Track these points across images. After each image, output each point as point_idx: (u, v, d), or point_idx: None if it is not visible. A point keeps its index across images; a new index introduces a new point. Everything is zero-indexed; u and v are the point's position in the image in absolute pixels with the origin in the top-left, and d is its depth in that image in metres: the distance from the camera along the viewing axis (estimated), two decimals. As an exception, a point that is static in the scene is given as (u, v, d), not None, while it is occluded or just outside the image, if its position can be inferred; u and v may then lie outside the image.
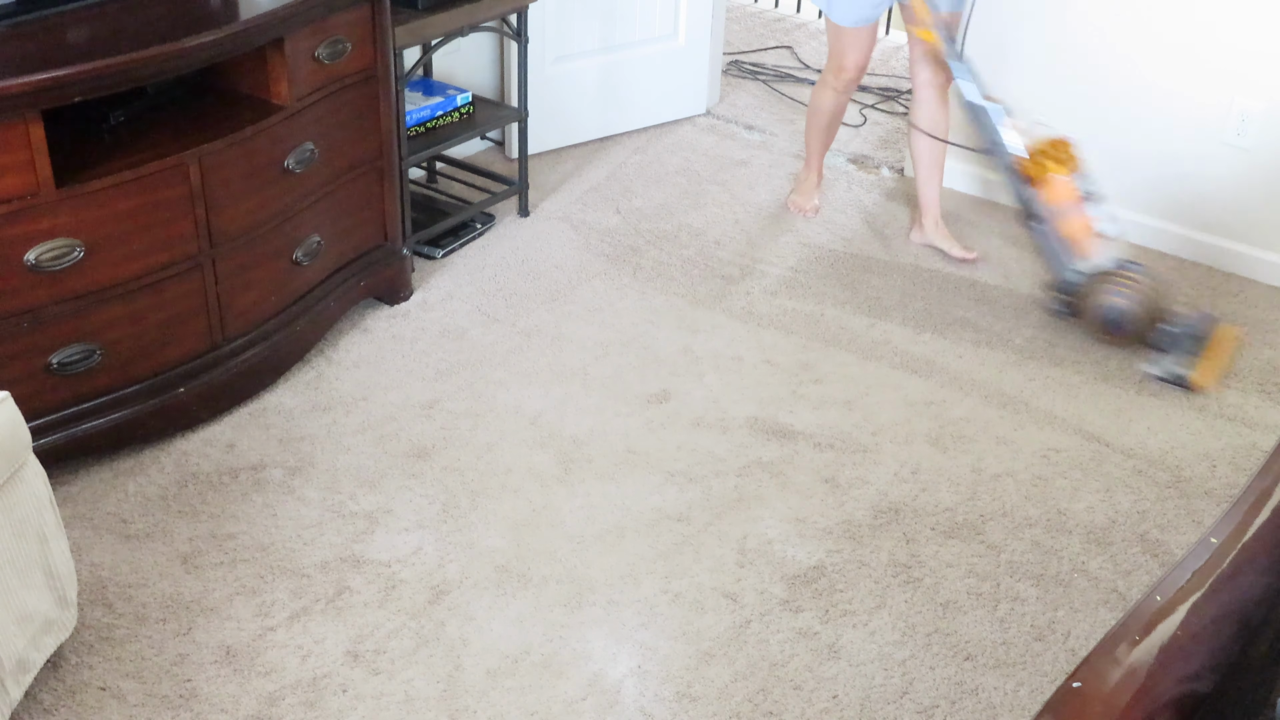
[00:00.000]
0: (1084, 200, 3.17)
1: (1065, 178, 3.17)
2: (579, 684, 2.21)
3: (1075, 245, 3.18)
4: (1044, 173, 3.19)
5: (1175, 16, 3.50)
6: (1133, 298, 3.10)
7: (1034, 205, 3.23)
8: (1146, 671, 1.33)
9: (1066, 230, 3.18)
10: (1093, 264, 3.16)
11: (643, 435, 2.84)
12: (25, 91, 2.24)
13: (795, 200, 3.86)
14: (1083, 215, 3.17)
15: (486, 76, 4.09)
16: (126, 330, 2.58)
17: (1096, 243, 3.17)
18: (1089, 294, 3.15)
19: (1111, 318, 3.12)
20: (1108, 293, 3.12)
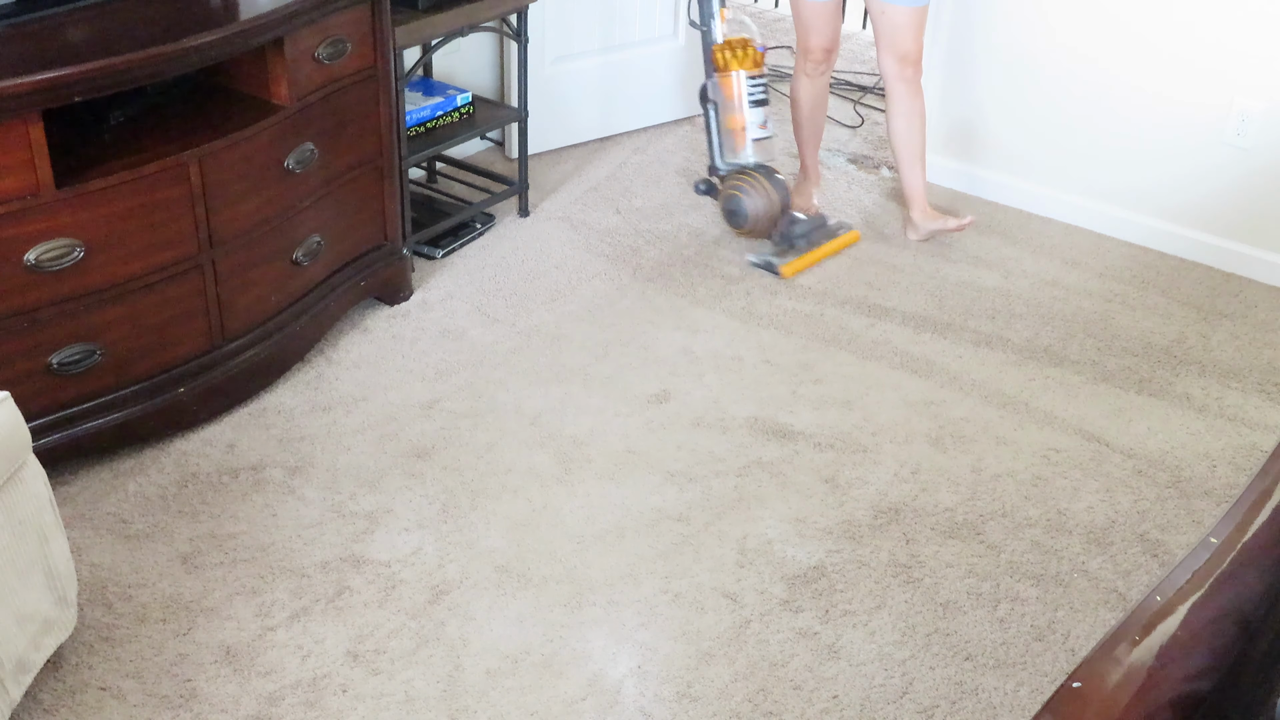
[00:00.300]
0: (754, 103, 3.46)
1: (741, 74, 3.44)
2: (579, 684, 2.21)
3: (732, 138, 3.50)
4: (726, 64, 3.46)
5: (1175, 17, 3.50)
6: (753, 196, 3.45)
7: (711, 91, 3.54)
8: (1146, 671, 1.33)
9: (729, 123, 3.51)
10: (738, 159, 3.51)
11: (643, 435, 2.84)
12: (25, 91, 2.24)
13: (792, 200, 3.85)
14: (744, 113, 3.47)
15: (486, 76, 4.09)
16: (126, 330, 2.58)
17: (749, 141, 3.49)
18: (725, 184, 3.54)
19: (730, 209, 3.52)
20: (735, 187, 3.48)
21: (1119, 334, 3.30)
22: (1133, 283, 3.54)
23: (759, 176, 3.46)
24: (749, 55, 3.46)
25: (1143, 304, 3.44)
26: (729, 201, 3.51)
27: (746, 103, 3.46)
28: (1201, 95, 3.52)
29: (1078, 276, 3.57)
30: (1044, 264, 3.63)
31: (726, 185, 3.52)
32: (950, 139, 4.03)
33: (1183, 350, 3.24)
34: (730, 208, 3.52)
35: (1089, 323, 3.34)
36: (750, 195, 3.45)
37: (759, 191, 3.44)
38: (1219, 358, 3.21)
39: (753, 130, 3.48)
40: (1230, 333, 3.32)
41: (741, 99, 3.46)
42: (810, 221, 3.59)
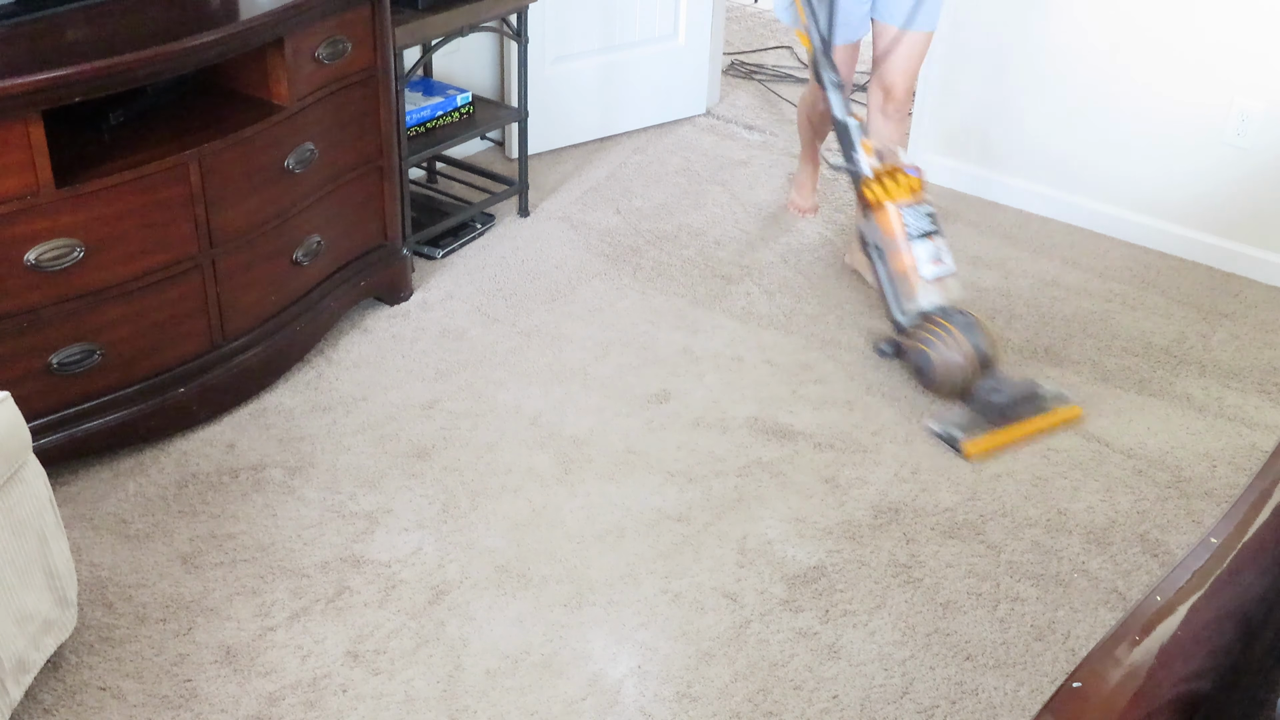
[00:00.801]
0: (920, 235, 2.94)
1: (901, 208, 2.95)
2: (579, 684, 2.21)
3: (905, 282, 2.96)
4: (881, 200, 2.98)
5: (1175, 17, 3.50)
6: (938, 348, 2.87)
7: (869, 234, 3.04)
8: (1146, 671, 1.33)
9: (897, 265, 2.97)
10: (918, 305, 2.95)
11: (643, 435, 2.84)
12: (25, 91, 2.24)
13: (794, 200, 3.84)
14: (913, 251, 2.94)
15: (486, 76, 4.09)
16: (126, 330, 2.58)
17: (926, 282, 2.95)
18: (909, 337, 2.96)
19: (919, 366, 2.93)
20: (919, 339, 2.91)
21: (1119, 334, 3.30)
22: (1133, 283, 3.54)
23: (947, 324, 2.88)
24: (903, 183, 2.98)
25: (1143, 304, 3.44)
26: (913, 357, 2.94)
27: (911, 237, 2.94)
28: (1201, 95, 3.52)
29: (1078, 276, 3.57)
30: (1044, 264, 3.63)
31: (910, 339, 2.95)
32: (950, 139, 4.03)
33: (1183, 350, 3.24)
34: (915, 363, 2.94)
35: (1089, 323, 3.34)
36: (936, 347, 2.86)
37: (947, 342, 2.86)
38: (1219, 358, 3.21)
39: (925, 268, 2.93)
40: (1230, 333, 3.32)
41: (904, 235, 2.94)
42: (1018, 387, 2.91)
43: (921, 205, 2.95)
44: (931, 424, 2.86)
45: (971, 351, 2.84)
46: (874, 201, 2.98)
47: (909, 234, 2.92)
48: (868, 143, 3.07)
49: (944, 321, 2.88)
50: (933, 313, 2.92)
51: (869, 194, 3.00)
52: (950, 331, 2.85)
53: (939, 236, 2.96)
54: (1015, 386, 2.89)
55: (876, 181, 2.99)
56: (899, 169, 2.99)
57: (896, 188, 2.95)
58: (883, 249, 2.97)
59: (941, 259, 2.93)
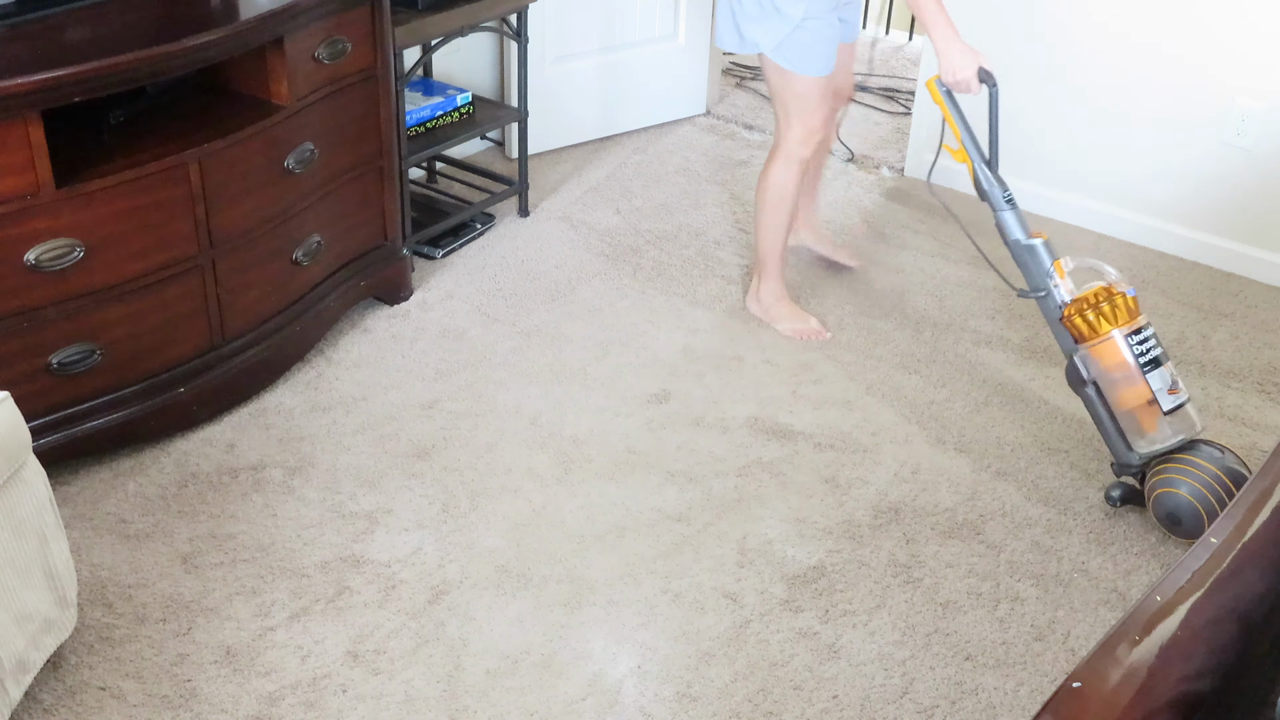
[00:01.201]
0: (1146, 364, 2.57)
1: (1121, 334, 2.57)
2: (579, 684, 2.21)
3: (1136, 419, 2.60)
4: (1094, 329, 2.61)
5: (1176, 16, 3.50)
6: (1197, 486, 2.50)
7: (1084, 369, 2.64)
8: (1146, 671, 1.33)
9: (1123, 401, 2.60)
10: (1155, 442, 2.58)
11: (643, 435, 2.84)
12: (25, 91, 2.24)
13: (792, 328, 3.24)
14: (1143, 382, 2.56)
15: (486, 76, 4.09)
16: (126, 330, 2.58)
17: (1164, 416, 2.57)
18: (1149, 479, 2.59)
19: (1169, 512, 2.54)
20: (1168, 481, 2.53)
21: (1119, 334, 3.29)
22: (1133, 283, 3.54)
23: (1199, 460, 2.52)
24: (1120, 304, 2.58)
25: (1143, 304, 3.44)
26: (1166, 503, 2.53)
27: (1141, 366, 2.56)
28: (1201, 95, 3.52)
29: (1078, 276, 3.56)
30: (1044, 264, 3.62)
31: (1153, 481, 2.56)
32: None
33: (1183, 350, 3.24)
34: (1169, 510, 2.53)
35: (1089, 323, 3.34)
36: (1193, 490, 2.49)
37: (1204, 479, 2.49)
38: (1219, 358, 3.21)
39: (1164, 400, 2.55)
40: (1230, 333, 3.32)
41: (1133, 365, 2.56)
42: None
43: (1145, 329, 2.59)
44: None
45: (1232, 487, 2.48)
46: (1085, 334, 2.62)
47: (1141, 364, 2.56)
48: (1060, 264, 2.69)
49: (1195, 459, 2.53)
50: (1176, 450, 2.57)
51: (1080, 324, 2.62)
52: (1204, 469, 2.51)
53: (1170, 362, 2.61)
54: None
55: (1085, 306, 2.62)
56: (1113, 289, 2.60)
57: (1116, 309, 2.59)
58: (1104, 384, 2.62)
59: (1178, 386, 2.58)
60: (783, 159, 3.10)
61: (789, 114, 3.06)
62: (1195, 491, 2.48)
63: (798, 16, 2.90)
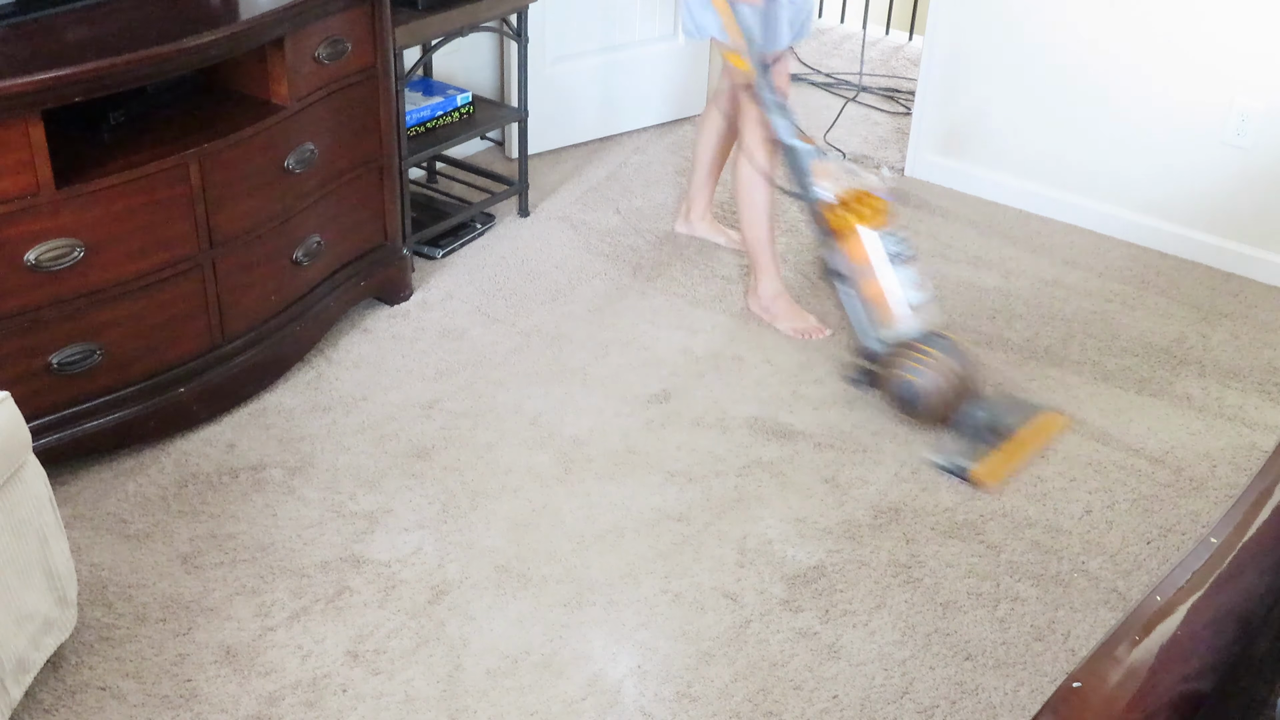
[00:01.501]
0: (891, 261, 2.83)
1: (871, 233, 2.83)
2: (579, 684, 2.21)
3: (878, 310, 2.85)
4: (848, 226, 2.84)
5: (1175, 16, 3.50)
6: (928, 376, 2.77)
7: (836, 261, 2.90)
8: (1146, 671, 1.33)
9: (869, 292, 2.85)
10: (895, 333, 2.84)
11: (643, 435, 2.84)
12: (25, 91, 2.24)
13: (793, 326, 3.26)
14: (887, 277, 2.83)
15: (486, 76, 4.09)
16: (126, 330, 2.58)
17: (902, 309, 2.84)
18: (887, 366, 2.84)
19: (905, 395, 2.81)
20: (903, 368, 2.80)
21: (1119, 334, 3.30)
22: (1133, 283, 3.54)
23: (930, 350, 2.80)
24: (872, 205, 2.84)
25: (1143, 304, 3.44)
26: (896, 387, 2.81)
27: (885, 263, 2.84)
28: (1201, 95, 3.52)
29: (1078, 276, 3.57)
30: (1044, 264, 3.63)
31: (889, 367, 2.83)
32: (950, 139, 4.03)
33: (1183, 350, 3.24)
34: (899, 393, 2.82)
35: (1089, 323, 3.34)
36: (922, 374, 2.78)
37: (933, 368, 2.77)
38: (1219, 358, 3.21)
39: (904, 294, 2.84)
40: (1230, 333, 3.32)
41: (880, 260, 2.83)
42: (999, 403, 2.90)
43: (894, 231, 2.86)
44: (933, 457, 2.78)
45: (957, 376, 2.78)
46: (841, 227, 2.85)
47: (885, 260, 2.83)
48: (821, 165, 2.92)
49: (926, 348, 2.79)
50: (913, 340, 2.82)
51: (834, 220, 2.86)
52: (935, 358, 2.78)
53: (912, 262, 2.88)
54: (997, 403, 2.87)
55: (842, 207, 2.86)
56: (868, 193, 2.84)
57: (866, 213, 2.83)
58: (852, 276, 2.86)
59: (917, 285, 2.86)
60: (748, 149, 3.19)
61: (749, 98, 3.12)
62: (925, 377, 2.77)
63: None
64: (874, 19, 5.44)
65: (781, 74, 3.20)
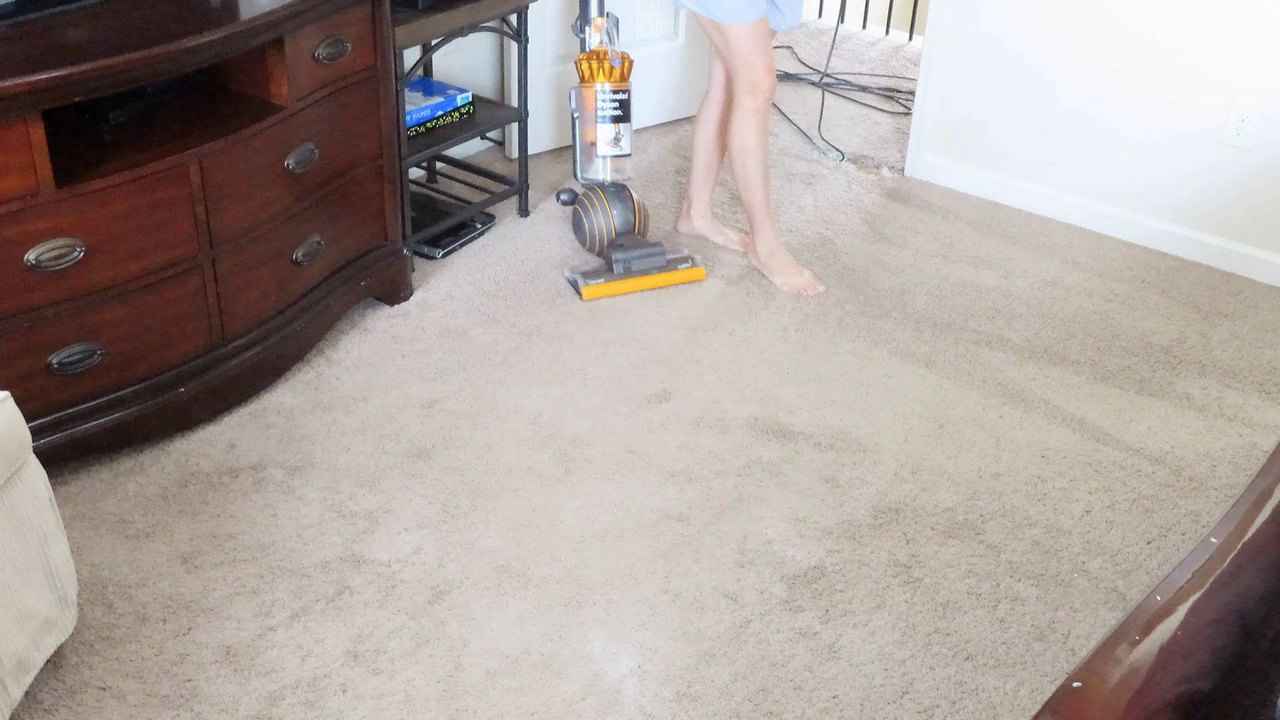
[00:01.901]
0: (608, 118, 3.42)
1: (601, 90, 3.40)
2: (579, 684, 2.21)
3: (588, 152, 3.47)
4: (589, 76, 3.41)
5: (1176, 17, 3.50)
6: (592, 215, 3.45)
7: (574, 100, 3.47)
8: (1146, 671, 1.33)
9: (587, 136, 3.45)
10: (590, 175, 3.48)
11: (643, 435, 2.84)
12: (25, 91, 2.24)
13: (788, 281, 3.42)
14: (599, 129, 3.42)
15: (486, 76, 4.09)
16: (126, 330, 2.58)
17: (599, 158, 3.45)
18: (580, 199, 3.53)
19: (575, 224, 3.56)
20: (581, 203, 3.50)
21: (1119, 334, 3.30)
22: (1133, 283, 3.54)
23: (603, 195, 3.47)
24: (607, 68, 3.41)
25: (1143, 304, 3.44)
26: (574, 217, 3.56)
27: (602, 117, 3.43)
28: (1201, 95, 3.52)
29: (1078, 276, 3.57)
30: (1044, 264, 3.63)
31: (580, 199, 3.54)
32: (950, 139, 4.03)
33: (1183, 350, 3.24)
34: (574, 222, 3.58)
35: (1089, 323, 3.34)
36: (590, 212, 3.46)
37: (599, 211, 3.45)
38: (1219, 358, 3.21)
39: (603, 146, 3.44)
40: (1230, 333, 3.32)
41: (597, 113, 3.42)
42: (643, 249, 3.42)
43: (620, 93, 3.42)
44: (564, 272, 3.44)
45: (614, 218, 3.45)
46: (584, 76, 3.42)
47: (600, 114, 3.42)
48: (600, 21, 3.43)
49: (601, 194, 3.46)
50: (601, 184, 3.47)
51: (583, 67, 3.42)
52: (603, 200, 3.45)
53: (625, 124, 3.44)
54: (644, 248, 3.44)
55: (593, 58, 3.40)
56: (606, 53, 3.41)
57: (605, 72, 3.40)
58: (580, 118, 3.45)
59: (620, 142, 3.45)
60: (738, 114, 3.34)
61: (733, 67, 3.29)
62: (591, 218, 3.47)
63: None
64: (874, 19, 5.44)
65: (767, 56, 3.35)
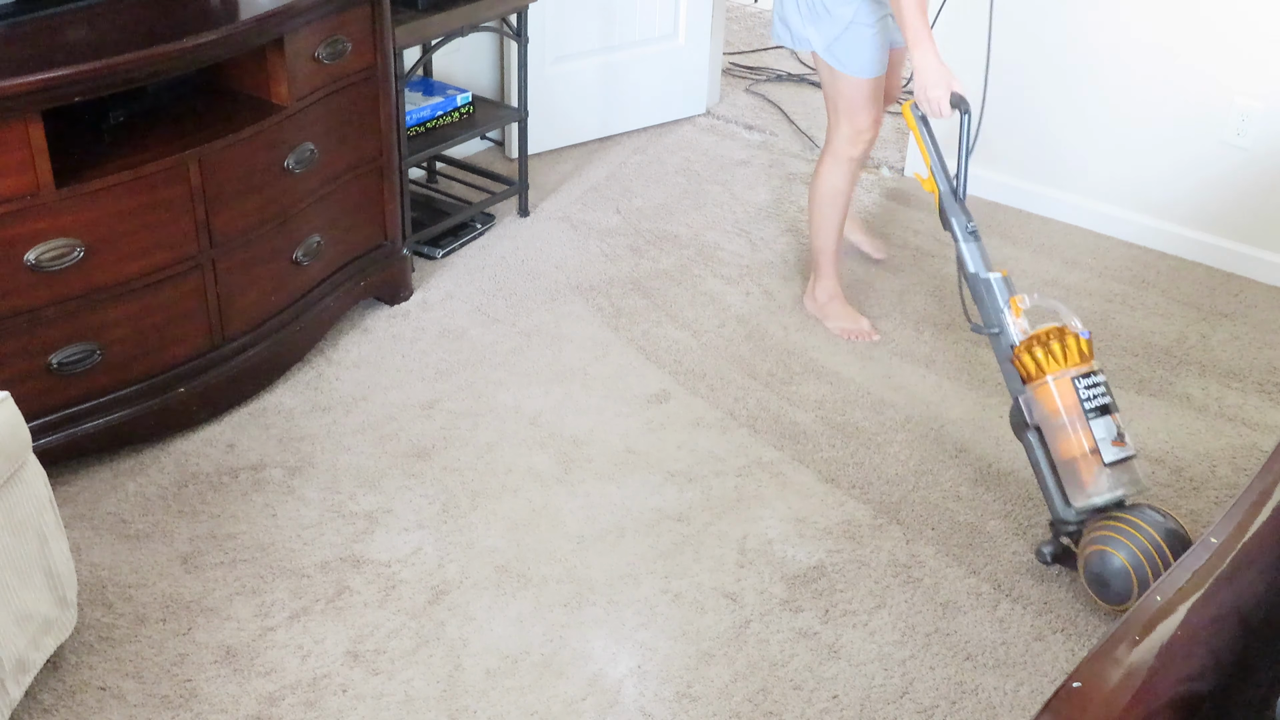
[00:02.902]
0: (1095, 411, 2.36)
1: (1069, 377, 2.38)
2: (579, 684, 2.21)
3: (1076, 470, 2.38)
4: (1041, 370, 2.42)
5: (1176, 17, 3.50)
6: (1126, 550, 2.26)
7: (1026, 412, 2.46)
8: (1146, 671, 1.33)
9: (1066, 450, 2.39)
10: (1093, 496, 2.36)
11: (643, 435, 2.84)
12: (25, 91, 2.24)
13: (843, 327, 3.24)
14: (1085, 430, 2.36)
15: (486, 76, 4.09)
16: (126, 330, 2.58)
17: (1103, 468, 2.34)
18: (1083, 537, 2.38)
19: (1098, 572, 2.31)
20: (1102, 540, 2.30)
21: (1119, 334, 3.30)
22: (1133, 283, 3.54)
23: (1139, 521, 2.28)
24: (1070, 345, 2.40)
25: (1143, 304, 3.44)
26: (1096, 562, 2.30)
27: (1086, 413, 2.36)
28: (1201, 95, 3.52)
29: (1078, 276, 3.57)
30: (1044, 264, 3.63)
31: (1087, 539, 2.34)
32: (950, 139, 4.02)
33: (1183, 350, 3.24)
34: (1099, 571, 2.30)
35: (1089, 323, 3.34)
36: (1126, 550, 2.25)
37: (1140, 542, 2.25)
38: (1219, 358, 3.21)
39: (1106, 450, 2.33)
40: (1230, 333, 3.32)
41: (1077, 410, 2.36)
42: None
43: (1096, 374, 2.39)
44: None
45: (1170, 556, 2.23)
46: (1032, 374, 2.43)
47: (1087, 407, 2.36)
48: (1016, 300, 2.54)
49: (1134, 519, 2.28)
50: (1113, 507, 2.35)
51: (1025, 363, 2.45)
52: (1144, 531, 2.26)
53: (1117, 412, 2.39)
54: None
55: (1036, 344, 2.43)
56: (1065, 330, 2.43)
57: (1066, 350, 2.40)
58: (1045, 430, 2.42)
59: (1124, 439, 2.36)
60: (831, 158, 3.14)
61: (838, 113, 3.09)
62: (1130, 554, 2.25)
63: (847, 18, 2.93)
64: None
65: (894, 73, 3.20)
